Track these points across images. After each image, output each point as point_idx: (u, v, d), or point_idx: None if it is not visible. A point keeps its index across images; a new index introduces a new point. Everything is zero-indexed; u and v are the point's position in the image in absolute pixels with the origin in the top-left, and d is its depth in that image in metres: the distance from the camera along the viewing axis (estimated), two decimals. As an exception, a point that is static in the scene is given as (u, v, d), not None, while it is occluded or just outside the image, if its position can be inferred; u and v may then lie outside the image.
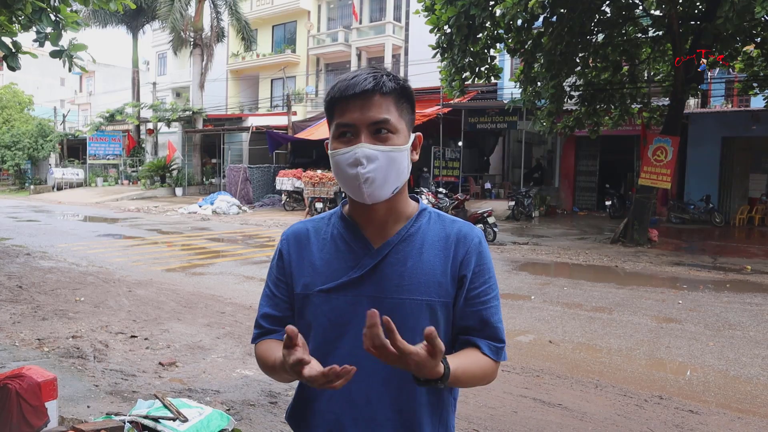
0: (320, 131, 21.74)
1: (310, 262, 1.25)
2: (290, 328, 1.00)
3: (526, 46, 12.25)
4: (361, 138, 1.14)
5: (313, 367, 1.01)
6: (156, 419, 3.08)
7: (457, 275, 1.21)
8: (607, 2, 11.67)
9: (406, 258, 1.20)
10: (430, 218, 1.26)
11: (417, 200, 1.30)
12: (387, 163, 1.14)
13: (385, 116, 1.15)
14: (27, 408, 2.91)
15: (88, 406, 3.69)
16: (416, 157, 1.24)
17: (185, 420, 3.10)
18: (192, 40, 26.84)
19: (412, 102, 1.23)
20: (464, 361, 1.15)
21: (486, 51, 12.01)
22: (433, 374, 1.04)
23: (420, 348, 0.98)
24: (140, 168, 29.88)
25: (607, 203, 17.89)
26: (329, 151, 1.20)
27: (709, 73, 16.38)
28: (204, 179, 28.29)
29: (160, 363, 4.62)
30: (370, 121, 1.14)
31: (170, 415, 3.13)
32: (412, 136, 1.22)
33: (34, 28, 4.56)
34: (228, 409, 3.71)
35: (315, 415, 1.23)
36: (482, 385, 1.21)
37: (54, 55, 4.59)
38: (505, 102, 15.74)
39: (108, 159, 31.24)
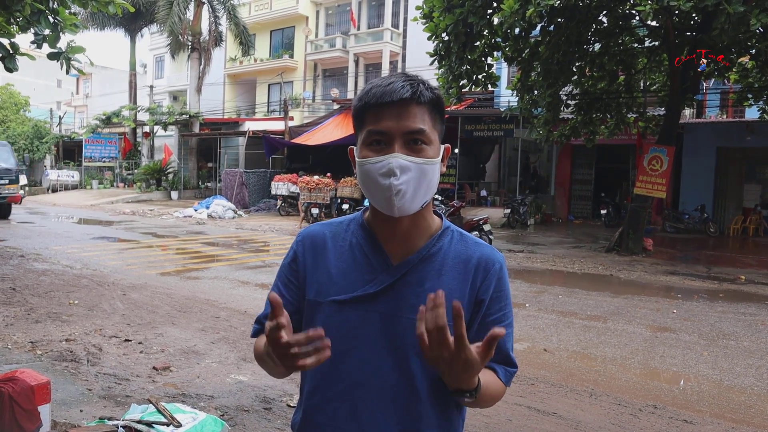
0: (317, 137, 21.74)
1: (325, 269, 1.20)
2: (273, 295, 0.94)
3: (524, 55, 12.32)
4: (394, 147, 1.10)
5: (292, 335, 0.96)
6: (149, 424, 3.07)
7: (474, 299, 1.18)
8: (605, 12, 11.75)
9: (424, 279, 1.16)
10: (452, 238, 1.22)
11: (440, 216, 1.26)
12: (419, 176, 1.11)
13: (421, 126, 1.11)
14: (20, 412, 2.89)
15: (81, 411, 3.66)
16: (444, 169, 1.20)
17: (179, 425, 3.08)
18: (190, 43, 26.87)
19: (444, 113, 1.19)
20: (488, 379, 1.13)
21: (483, 59, 12.06)
22: (470, 383, 1.01)
23: (475, 348, 0.96)
24: (136, 171, 29.83)
25: (603, 212, 17.91)
26: (357, 159, 1.15)
27: (704, 84, 16.49)
28: (200, 183, 28.25)
29: (154, 367, 4.60)
30: (405, 130, 1.10)
31: (164, 420, 3.11)
32: (441, 147, 1.18)
33: (32, 30, 4.55)
34: (222, 415, 3.69)
35: (316, 428, 1.19)
36: (487, 407, 1.18)
37: (52, 57, 4.58)
38: (502, 110, 15.78)
39: (104, 161, 31.19)
